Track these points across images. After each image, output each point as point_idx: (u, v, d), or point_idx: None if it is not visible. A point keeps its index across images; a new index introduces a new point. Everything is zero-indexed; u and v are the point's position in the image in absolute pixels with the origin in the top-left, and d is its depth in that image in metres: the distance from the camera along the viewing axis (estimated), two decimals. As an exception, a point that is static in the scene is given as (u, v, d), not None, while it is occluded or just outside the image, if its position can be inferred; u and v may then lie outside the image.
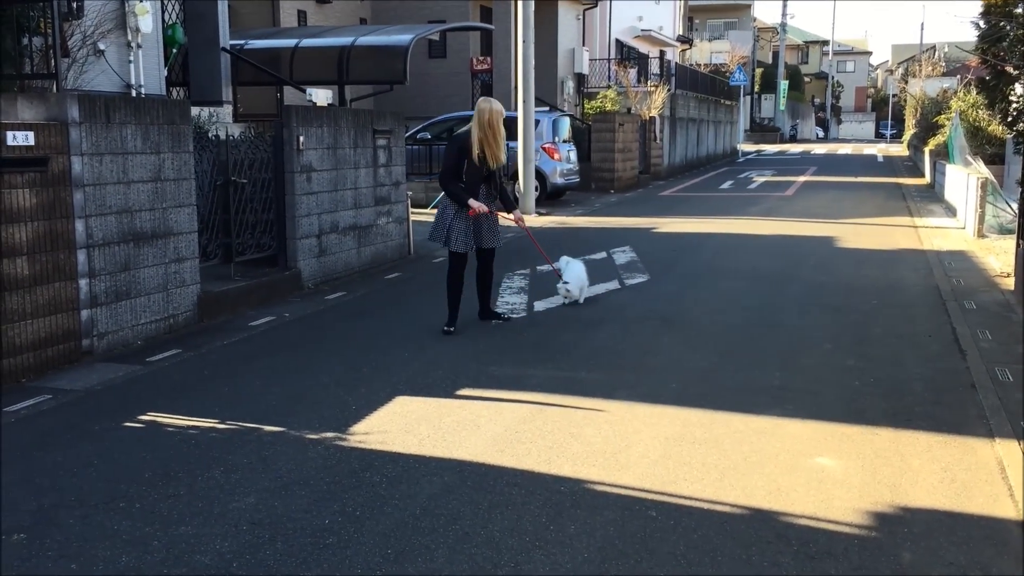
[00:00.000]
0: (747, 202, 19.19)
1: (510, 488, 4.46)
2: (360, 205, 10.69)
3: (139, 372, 6.53)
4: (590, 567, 3.66)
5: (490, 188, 7.44)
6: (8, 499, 4.32)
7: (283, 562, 3.70)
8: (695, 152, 31.55)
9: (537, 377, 6.30)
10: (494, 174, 7.44)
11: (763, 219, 15.92)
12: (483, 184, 7.40)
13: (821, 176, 26.68)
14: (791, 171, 28.61)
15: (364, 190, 10.76)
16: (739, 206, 18.24)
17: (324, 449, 4.97)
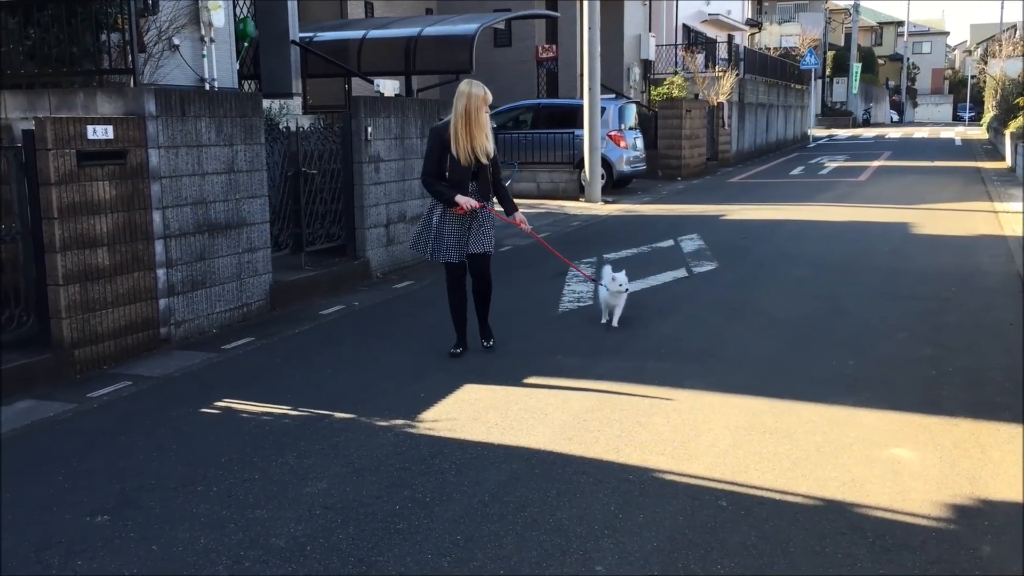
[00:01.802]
0: (818, 188, 18.81)
1: (578, 476, 4.46)
2: (427, 194, 10.74)
3: (214, 360, 6.68)
4: (659, 556, 3.64)
5: (481, 185, 6.45)
6: (92, 482, 4.46)
7: (355, 546, 3.77)
8: (764, 138, 31.01)
9: (604, 366, 6.28)
10: (485, 168, 6.43)
11: (835, 205, 15.59)
12: (472, 181, 6.41)
13: (896, 161, 26.01)
14: (864, 156, 27.94)
15: (431, 180, 10.82)
16: (810, 192, 17.89)
17: (394, 436, 5.03)
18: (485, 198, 6.48)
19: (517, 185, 17.80)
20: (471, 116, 6.22)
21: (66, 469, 4.63)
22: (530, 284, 9.36)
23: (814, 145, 35.47)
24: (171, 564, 3.63)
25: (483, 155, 6.35)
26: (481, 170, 6.40)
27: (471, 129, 6.25)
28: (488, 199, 6.52)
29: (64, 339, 6.13)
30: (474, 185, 6.41)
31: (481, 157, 6.33)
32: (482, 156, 6.34)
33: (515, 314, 7.99)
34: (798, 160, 27.36)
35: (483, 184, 6.47)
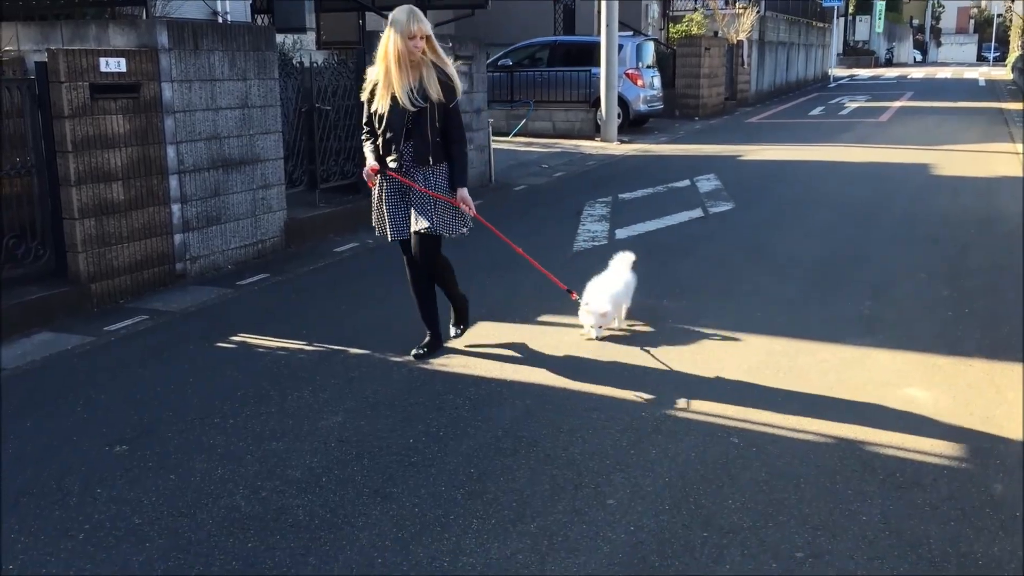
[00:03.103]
0: (838, 129, 18.55)
1: (591, 412, 4.48)
2: (442, 132, 10.66)
3: (230, 295, 6.71)
4: (671, 491, 3.67)
5: (418, 145, 4.92)
6: (110, 414, 4.52)
7: (369, 478, 3.81)
8: (784, 77, 30.51)
9: (619, 304, 6.26)
10: (423, 121, 4.88)
11: (855, 146, 15.38)
12: (406, 140, 4.92)
13: (918, 101, 25.58)
14: (886, 96, 27.49)
15: (446, 117, 10.72)
16: (830, 133, 17.65)
17: (408, 372, 5.06)
18: (420, 161, 4.94)
19: (532, 124, 17.64)
20: (393, 53, 4.76)
21: (85, 400, 4.69)
22: (545, 223, 9.32)
23: (835, 85, 34.90)
24: (189, 493, 3.69)
25: (412, 102, 4.82)
26: (418, 125, 4.90)
27: (396, 69, 4.78)
28: (426, 162, 4.95)
29: (81, 273, 6.16)
30: (407, 145, 4.93)
31: (407, 104, 4.81)
32: (408, 103, 4.81)
33: (530, 253, 7.96)
34: (818, 100, 26.94)
35: (420, 143, 4.92)
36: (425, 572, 3.11)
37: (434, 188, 5.00)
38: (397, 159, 4.96)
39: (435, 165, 5.00)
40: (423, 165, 4.97)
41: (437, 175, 5.04)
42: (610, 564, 3.15)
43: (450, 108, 4.96)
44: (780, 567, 3.13)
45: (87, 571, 3.13)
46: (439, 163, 5.02)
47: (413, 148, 4.94)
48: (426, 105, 4.85)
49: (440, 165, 5.03)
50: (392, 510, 3.54)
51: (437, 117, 4.91)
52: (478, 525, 3.42)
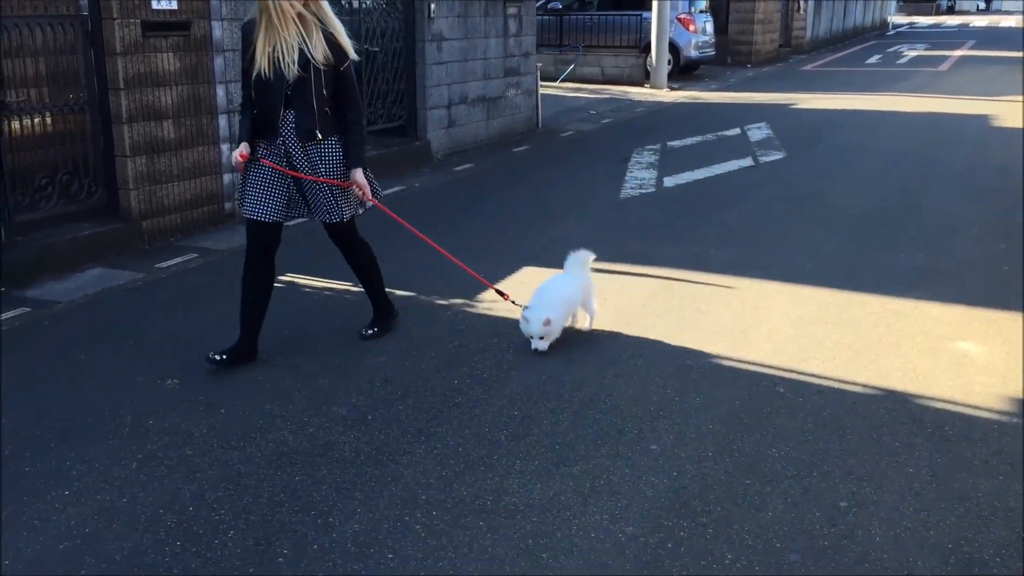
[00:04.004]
0: (895, 78, 18.05)
1: (635, 359, 4.47)
2: (489, 76, 10.57)
3: (277, 235, 6.76)
4: (714, 438, 3.66)
5: (301, 115, 4.16)
6: (161, 349, 4.61)
7: (414, 417, 3.85)
8: (841, 24, 29.67)
9: (666, 253, 6.21)
10: (306, 87, 4.12)
11: (912, 96, 14.97)
12: (287, 108, 4.16)
13: (979, 51, 24.76)
14: (946, 45, 26.64)
15: (493, 60, 10.62)
16: (886, 82, 17.18)
17: (453, 315, 5.08)
18: (303, 135, 4.18)
19: (580, 69, 17.40)
20: (272, 8, 4.02)
21: (136, 335, 4.78)
22: (592, 170, 9.24)
23: (893, 33, 33.89)
24: (238, 427, 3.76)
25: (292, 64, 4.05)
26: (301, 91, 4.13)
27: (272, 25, 4.04)
28: (311, 136, 4.19)
29: (132, 210, 6.25)
30: (290, 115, 4.18)
31: (285, 69, 4.05)
32: (287, 67, 4.05)
33: (576, 200, 7.92)
34: (876, 48, 26.20)
35: (303, 114, 4.16)
36: (468, 509, 3.15)
37: (322, 170, 4.25)
38: (276, 133, 4.20)
39: (323, 140, 4.24)
40: (307, 140, 4.20)
41: (325, 152, 4.26)
42: (652, 508, 3.16)
43: (341, 71, 4.21)
44: (823, 515, 3.11)
45: (140, 499, 3.21)
46: (327, 137, 4.24)
47: (295, 119, 4.17)
48: (310, 68, 4.09)
49: (330, 140, 4.26)
50: (436, 449, 3.58)
51: (325, 82, 4.15)
52: (521, 466, 3.45)
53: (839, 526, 3.05)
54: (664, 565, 2.84)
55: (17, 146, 5.71)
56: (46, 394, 4.06)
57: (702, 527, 3.05)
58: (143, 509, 3.15)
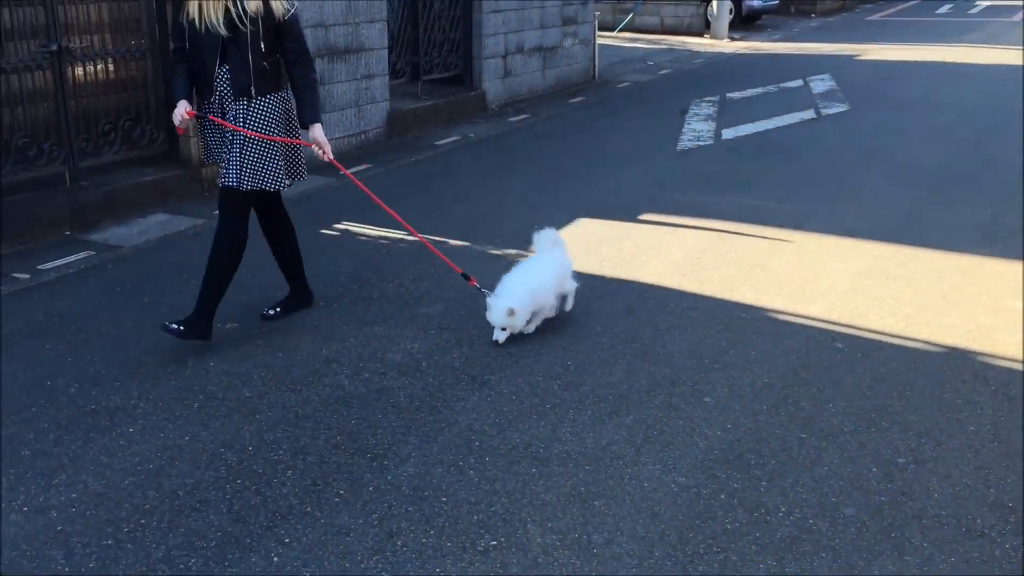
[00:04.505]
0: (966, 28, 17.42)
1: (690, 312, 4.43)
2: (546, 25, 10.43)
3: (333, 184, 6.80)
4: (769, 392, 3.63)
5: (236, 69, 3.84)
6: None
7: (468, 365, 3.87)
8: (910, -27, 28.63)
9: (723, 205, 6.12)
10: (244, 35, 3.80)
11: (983, 47, 14.45)
12: (223, 62, 3.85)
13: (1057, 1, 23.73)
14: (1021, -5, 25.58)
15: (551, 9, 10.47)
16: (956, 32, 16.60)
17: (507, 265, 5.05)
18: (239, 91, 3.85)
19: (639, 19, 17.08)
20: None
21: (197, 279, 4.84)
22: (649, 121, 9.11)
23: (965, -18, 32.64)
24: (295, 370, 3.82)
25: (218, 17, 3.75)
26: (236, 44, 3.82)
27: None
28: (245, 93, 3.86)
29: (192, 157, 6.32)
30: (225, 71, 3.86)
31: (215, 18, 3.76)
32: (217, 16, 3.75)
33: (632, 152, 7.83)
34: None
35: (238, 69, 3.84)
36: (521, 456, 3.17)
37: (259, 126, 3.89)
38: (211, 90, 3.89)
39: (260, 97, 3.88)
40: (242, 97, 3.86)
41: (265, 110, 3.90)
42: (705, 459, 3.15)
43: (284, 23, 3.88)
44: (880, 471, 3.08)
45: (201, 438, 3.29)
46: (266, 94, 3.90)
47: (229, 75, 3.85)
48: (246, 20, 3.78)
49: (269, 97, 3.91)
50: (490, 396, 3.61)
51: (263, 35, 3.82)
52: (574, 415, 3.46)
53: (896, 482, 3.02)
54: (717, 516, 2.84)
55: (80, 92, 5.79)
56: (111, 335, 4.17)
57: (756, 480, 3.03)
58: (204, 447, 3.23)
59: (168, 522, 2.80)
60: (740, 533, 2.75)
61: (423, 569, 2.59)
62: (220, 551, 2.67)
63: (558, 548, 2.68)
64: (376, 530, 2.77)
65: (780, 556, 2.65)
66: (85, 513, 2.85)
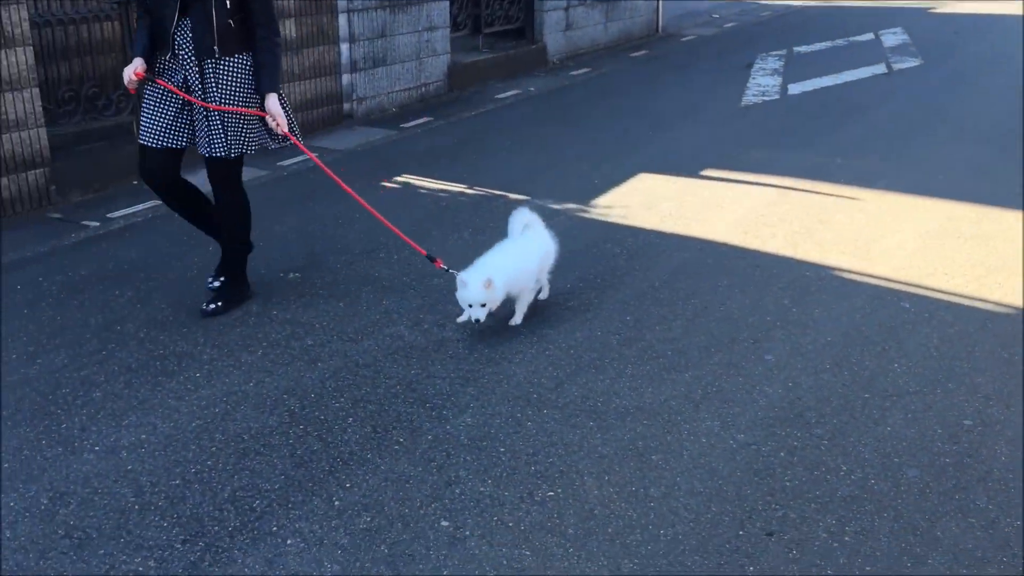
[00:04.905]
0: (1049, -20, 16.68)
1: (751, 269, 4.37)
2: (609, -24, 10.27)
3: (394, 137, 6.83)
4: (832, 351, 3.57)
5: (198, 26, 3.55)
6: (284, 243, 4.74)
7: (526, 319, 3.87)
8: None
9: (787, 161, 6.00)
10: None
11: (1067, 0, 13.84)
12: (183, 16, 3.56)
13: None
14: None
15: (614, -40, 10.30)
16: (1038, -15, 15.90)
17: (566, 219, 5.05)
18: (201, 50, 3.57)
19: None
20: None
21: (261, 230, 4.90)
22: (713, 76, 8.93)
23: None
24: (356, 320, 3.86)
25: None
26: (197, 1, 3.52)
27: None
28: (209, 52, 3.57)
29: (255, 109, 6.38)
30: (186, 25, 3.58)
31: None
32: None
33: (695, 107, 7.70)
34: (1028, -52, 24.21)
35: (202, 24, 3.55)
36: (579, 410, 3.18)
37: (224, 95, 3.61)
38: (170, 47, 3.60)
39: (224, 57, 3.58)
40: (204, 56, 3.58)
41: (229, 72, 3.61)
42: (765, 417, 3.12)
43: None
44: (945, 432, 3.02)
45: (265, 384, 3.36)
46: (231, 54, 3.60)
47: (191, 31, 3.56)
48: None
49: (234, 58, 3.61)
50: (548, 350, 3.61)
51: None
52: (632, 370, 3.45)
53: (962, 443, 2.96)
54: (776, 473, 2.82)
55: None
56: (178, 283, 4.25)
57: (816, 438, 3.00)
58: (268, 393, 3.29)
59: (233, 464, 2.88)
60: (799, 491, 2.73)
61: (481, 517, 2.62)
62: (283, 494, 2.73)
63: (615, 500, 2.69)
64: (435, 478, 2.81)
65: (840, 515, 2.62)
66: (154, 453, 2.93)
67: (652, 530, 2.56)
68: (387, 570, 2.41)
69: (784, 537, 2.53)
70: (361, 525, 2.59)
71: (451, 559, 2.45)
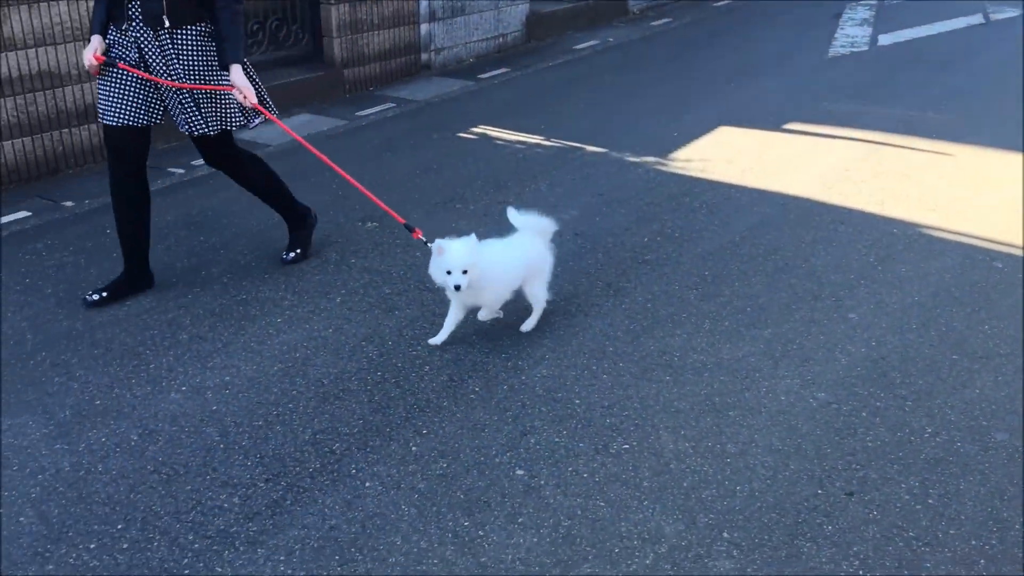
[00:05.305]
0: None
1: (835, 225, 4.26)
2: (693, -77, 9.97)
3: (471, 88, 6.80)
4: (919, 310, 3.47)
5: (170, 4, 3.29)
6: (361, 193, 4.77)
7: (603, 271, 3.85)
8: None
9: (876, 115, 5.80)
10: None
11: None
12: None
13: None
14: None
15: (699, -94, 9.99)
16: None
17: (644, 172, 4.98)
18: (154, 21, 3.31)
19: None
20: None
21: (339, 179, 4.96)
22: (799, 26, 8.65)
23: None
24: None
25: None
26: None
27: None
28: (158, 23, 3.31)
29: (336, 58, 6.41)
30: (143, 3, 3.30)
31: None
32: None
33: (780, 58, 7.49)
34: None
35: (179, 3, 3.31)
36: (655, 364, 3.15)
37: (186, 70, 3.38)
38: (124, 16, 3.33)
39: (178, 28, 3.34)
40: (156, 26, 3.31)
41: (188, 44, 3.37)
42: (847, 376, 3.06)
43: None
44: (1037, 398, 2.92)
45: (344, 330, 3.41)
46: (185, 23, 3.35)
47: (141, 1, 3.31)
48: None
49: (190, 28, 3.37)
50: (624, 303, 3.58)
51: None
52: (710, 326, 3.41)
53: (1055, 409, 2.86)
54: (857, 433, 2.77)
55: (230, -7, 5.91)
56: (260, 230, 4.33)
57: (900, 399, 2.93)
58: (347, 340, 3.34)
59: (314, 408, 2.94)
60: (882, 451, 2.68)
61: (556, 467, 2.63)
62: (362, 438, 2.78)
63: (691, 455, 2.68)
64: (510, 427, 2.82)
65: (923, 477, 2.56)
66: (238, 395, 3.01)
67: (728, 485, 2.54)
68: (463, 516, 2.44)
69: (864, 498, 2.49)
70: (437, 471, 2.63)
71: (526, 507, 2.47)
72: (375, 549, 2.33)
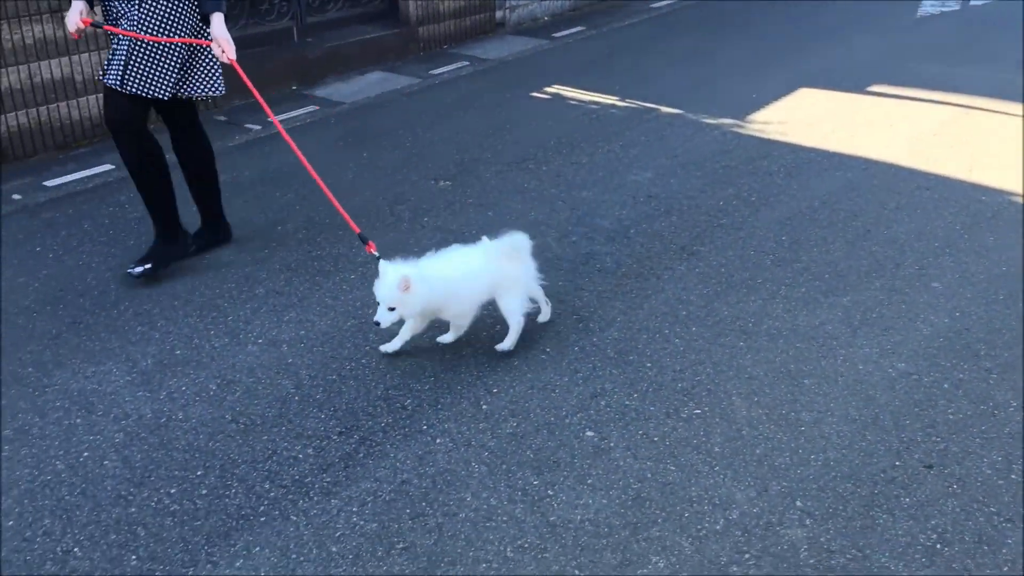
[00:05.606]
0: None
1: (920, 191, 4.12)
2: None
3: (546, 47, 6.73)
4: (1006, 281, 3.35)
5: None
6: (435, 151, 4.78)
7: (677, 234, 3.80)
8: None
9: (966, 78, 5.58)
10: None
11: None
12: None
13: None
14: None
15: None
16: None
17: (721, 134, 4.89)
18: None
19: None
20: None
21: (413, 137, 4.98)
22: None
23: None
24: (504, 229, 3.83)
25: None
26: None
27: None
28: None
29: (410, 16, 6.40)
30: None
31: None
32: None
33: (867, 17, 7.24)
34: None
35: None
36: (728, 329, 3.11)
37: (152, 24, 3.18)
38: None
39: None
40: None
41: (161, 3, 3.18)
42: (928, 346, 2.97)
43: None
44: None
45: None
46: None
47: None
48: None
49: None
50: (699, 267, 3.53)
51: None
52: (786, 292, 3.34)
53: None
54: (938, 405, 2.69)
55: (307, -51, 5.93)
56: (333, 187, 4.34)
57: (985, 372, 2.84)
58: (419, 297, 3.36)
59: (386, 364, 2.97)
60: (963, 424, 2.60)
61: (626, 430, 2.62)
62: (433, 394, 2.81)
63: (764, 422, 2.64)
64: (580, 388, 2.82)
65: (1007, 451, 2.49)
66: (312, 349, 3.06)
67: (802, 454, 2.50)
68: (532, 475, 2.45)
69: (944, 471, 2.43)
70: (507, 430, 2.64)
71: (595, 468, 2.47)
72: (445, 504, 2.35)
